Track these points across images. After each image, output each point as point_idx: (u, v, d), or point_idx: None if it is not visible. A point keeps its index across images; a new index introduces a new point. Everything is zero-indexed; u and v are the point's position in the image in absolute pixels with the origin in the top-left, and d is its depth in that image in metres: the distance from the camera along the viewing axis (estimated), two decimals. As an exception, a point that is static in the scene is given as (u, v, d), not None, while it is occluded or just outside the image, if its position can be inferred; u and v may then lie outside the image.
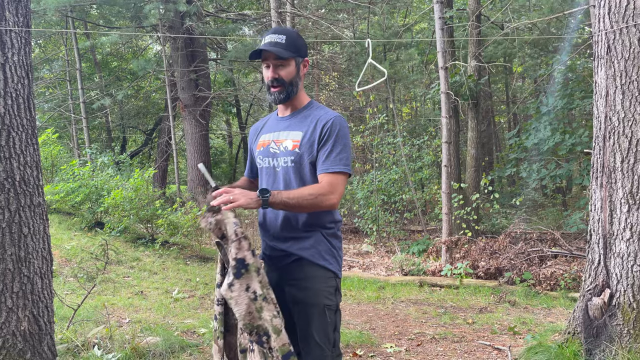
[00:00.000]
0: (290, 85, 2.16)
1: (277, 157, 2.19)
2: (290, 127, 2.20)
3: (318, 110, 2.20)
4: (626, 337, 3.01)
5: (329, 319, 2.09)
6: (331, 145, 2.09)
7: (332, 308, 2.11)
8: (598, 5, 3.19)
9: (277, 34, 2.15)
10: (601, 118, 3.19)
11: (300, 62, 2.19)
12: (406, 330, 4.48)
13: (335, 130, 2.10)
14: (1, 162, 2.73)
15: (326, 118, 2.14)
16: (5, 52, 2.75)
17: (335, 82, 14.95)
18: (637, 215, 3.01)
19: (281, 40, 2.13)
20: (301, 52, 2.18)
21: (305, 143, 2.13)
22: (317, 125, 2.13)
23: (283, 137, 2.19)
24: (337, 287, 2.16)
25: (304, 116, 2.20)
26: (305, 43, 2.24)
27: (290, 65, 2.15)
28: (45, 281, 2.91)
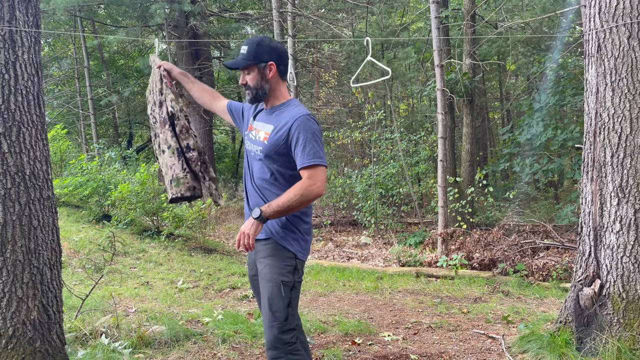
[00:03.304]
0: (256, 89, 2.40)
1: (253, 143, 2.47)
2: (266, 120, 2.44)
3: (291, 109, 2.39)
4: (616, 326, 3.06)
5: (283, 294, 2.29)
6: (303, 142, 2.27)
7: (288, 285, 2.31)
8: (589, 5, 3.23)
9: (244, 45, 2.40)
10: (592, 114, 3.24)
11: (264, 66, 2.38)
12: (403, 320, 4.54)
13: (303, 128, 2.28)
14: (12, 156, 2.77)
15: (295, 117, 2.31)
16: (15, 51, 2.80)
17: (334, 80, 14.98)
18: (627, 208, 3.06)
19: (244, 51, 2.38)
20: (262, 58, 2.37)
21: (272, 136, 2.35)
22: (287, 124, 2.32)
23: (260, 127, 2.45)
24: (295, 266, 2.36)
25: (279, 112, 2.41)
26: (273, 48, 2.40)
27: (253, 72, 2.38)
28: (55, 272, 2.96)
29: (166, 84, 2.90)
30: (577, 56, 9.49)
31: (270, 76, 2.40)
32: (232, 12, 14.37)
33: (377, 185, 9.84)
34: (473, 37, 9.78)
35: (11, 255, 2.76)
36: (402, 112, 18.18)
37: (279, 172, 2.37)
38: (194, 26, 11.46)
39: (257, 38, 2.43)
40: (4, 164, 2.76)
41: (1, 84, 2.76)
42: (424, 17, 12.61)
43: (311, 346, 3.77)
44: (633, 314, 3.03)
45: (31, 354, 2.80)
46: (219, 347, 3.60)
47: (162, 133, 2.82)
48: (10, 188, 2.77)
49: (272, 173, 2.38)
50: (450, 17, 11.21)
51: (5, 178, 2.76)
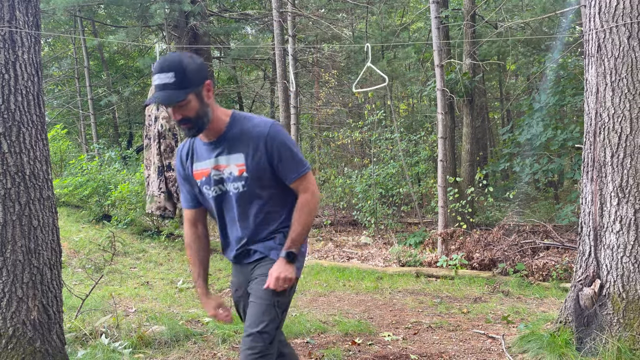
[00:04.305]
0: (198, 119, 1.98)
1: (225, 183, 2.11)
2: (226, 151, 2.07)
3: (247, 125, 2.06)
4: (616, 326, 3.05)
5: (275, 314, 2.07)
6: (285, 156, 2.05)
7: (282, 306, 2.11)
8: (589, 5, 3.24)
9: (164, 72, 1.91)
10: (592, 114, 3.24)
11: (201, 90, 1.97)
12: (403, 320, 4.54)
13: (278, 140, 2.04)
14: (12, 156, 2.78)
15: (263, 132, 2.03)
16: (15, 51, 2.81)
17: (334, 80, 15.00)
18: (627, 208, 3.06)
19: (170, 80, 1.90)
20: (197, 80, 1.95)
21: (251, 164, 2.05)
22: (258, 144, 2.03)
23: (223, 162, 2.08)
24: (292, 285, 2.14)
25: (234, 136, 2.06)
26: (199, 64, 1.97)
27: (191, 102, 1.94)
28: (55, 272, 2.97)
29: None
30: (577, 56, 9.49)
31: (209, 98, 2.00)
32: (232, 12, 14.39)
33: (377, 185, 9.84)
34: (473, 40, 9.78)
35: (11, 255, 2.77)
36: (402, 112, 18.19)
37: (274, 193, 2.13)
38: (194, 26, 11.48)
39: (175, 58, 1.94)
40: (4, 164, 2.76)
41: (1, 84, 2.77)
42: (424, 17, 12.61)
43: (311, 346, 3.77)
44: (633, 314, 3.03)
45: (31, 354, 2.80)
46: (219, 347, 3.60)
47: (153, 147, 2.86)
48: (10, 188, 2.77)
49: (269, 198, 2.13)
50: (450, 17, 11.21)
51: (5, 178, 2.76)
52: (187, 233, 2.28)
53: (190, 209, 2.26)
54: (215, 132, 2.06)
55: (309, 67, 14.20)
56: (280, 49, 9.77)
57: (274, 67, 12.25)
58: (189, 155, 2.19)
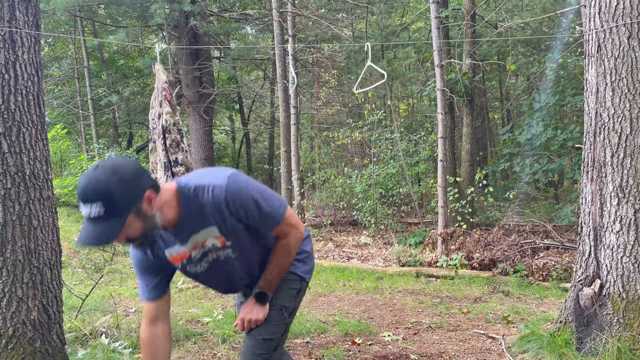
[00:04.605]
0: (147, 234, 1.69)
1: (211, 253, 1.90)
2: (196, 229, 1.82)
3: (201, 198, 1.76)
4: (616, 326, 3.05)
5: (280, 320, 1.99)
6: (253, 212, 1.81)
7: (288, 310, 2.03)
8: (589, 5, 3.24)
9: (90, 202, 1.55)
10: (592, 114, 3.24)
11: (141, 204, 1.62)
12: (403, 320, 4.55)
13: (240, 198, 1.77)
14: (12, 156, 2.78)
15: (221, 198, 1.75)
16: (15, 51, 2.81)
17: (334, 80, 15.01)
18: (627, 208, 3.06)
19: (99, 212, 1.55)
20: (133, 199, 1.60)
21: (228, 232, 1.84)
22: (222, 211, 1.78)
23: (200, 238, 1.84)
24: (299, 289, 2.07)
25: (195, 216, 1.79)
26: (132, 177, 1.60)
27: (132, 224, 1.63)
28: (55, 272, 2.97)
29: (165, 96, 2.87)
30: (577, 56, 9.49)
31: (154, 204, 1.67)
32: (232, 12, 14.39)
33: (377, 185, 9.84)
34: (473, 37, 9.78)
35: (11, 255, 2.77)
36: (402, 112, 18.20)
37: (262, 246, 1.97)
38: (194, 26, 11.48)
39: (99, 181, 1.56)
40: (4, 164, 2.76)
41: (1, 84, 2.76)
42: (424, 17, 12.62)
43: (311, 346, 3.77)
44: (633, 314, 3.03)
45: (31, 354, 2.80)
46: (219, 347, 3.60)
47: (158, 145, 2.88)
48: (10, 188, 2.77)
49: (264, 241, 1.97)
50: (450, 17, 11.22)
51: (5, 178, 2.76)
52: (144, 333, 1.94)
53: (152, 301, 1.95)
54: (172, 224, 1.78)
55: (308, 67, 14.21)
56: (280, 49, 9.77)
57: (274, 67, 12.26)
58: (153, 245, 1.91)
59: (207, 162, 12.87)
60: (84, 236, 1.58)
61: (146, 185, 1.64)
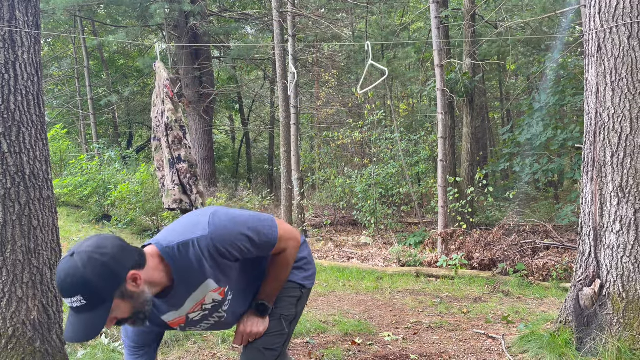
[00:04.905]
0: (139, 312, 1.58)
1: (214, 312, 1.83)
2: (191, 289, 1.72)
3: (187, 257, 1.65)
4: (616, 326, 3.06)
5: (281, 330, 1.94)
6: (244, 247, 1.72)
7: (289, 319, 1.97)
8: (589, 5, 3.24)
9: (70, 296, 1.47)
10: (592, 114, 3.24)
11: (125, 287, 1.53)
12: (403, 320, 4.54)
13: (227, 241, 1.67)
14: (12, 156, 2.78)
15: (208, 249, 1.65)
16: (15, 51, 2.81)
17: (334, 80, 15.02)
18: (627, 208, 3.06)
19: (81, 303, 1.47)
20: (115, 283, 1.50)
21: (225, 280, 1.76)
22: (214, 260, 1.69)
23: (198, 298, 1.75)
24: (300, 297, 2.01)
25: (186, 277, 1.68)
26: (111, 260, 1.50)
27: (120, 306, 1.54)
28: (54, 272, 2.99)
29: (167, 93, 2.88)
30: (577, 56, 9.49)
31: (141, 283, 1.57)
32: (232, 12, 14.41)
33: (377, 185, 9.85)
34: (473, 37, 9.79)
35: (11, 255, 2.77)
36: (402, 112, 18.20)
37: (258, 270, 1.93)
38: (194, 26, 11.50)
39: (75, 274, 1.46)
40: (3, 164, 2.76)
41: (1, 84, 2.77)
42: (424, 17, 12.62)
43: (311, 346, 3.77)
44: (633, 314, 3.03)
45: (31, 354, 2.80)
46: (219, 347, 3.61)
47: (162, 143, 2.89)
48: (10, 188, 2.78)
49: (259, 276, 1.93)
50: (450, 17, 11.22)
51: (5, 178, 2.76)
52: None
53: None
54: (164, 285, 1.67)
55: (308, 67, 14.21)
56: (280, 48, 9.78)
57: (274, 67, 12.26)
58: None
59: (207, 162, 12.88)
60: (70, 331, 1.49)
61: (128, 266, 1.53)
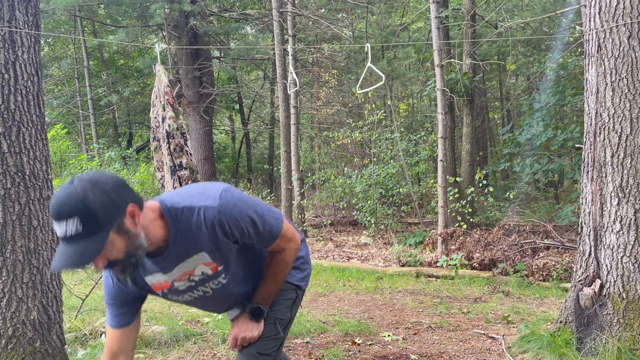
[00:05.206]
0: (131, 256, 1.47)
1: (199, 286, 1.72)
2: (184, 256, 1.63)
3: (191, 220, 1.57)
4: (616, 326, 3.06)
5: (276, 334, 1.85)
6: (248, 230, 1.65)
7: (284, 323, 1.89)
8: (589, 5, 3.24)
9: (66, 218, 1.35)
10: (592, 114, 3.24)
11: (123, 220, 1.43)
12: (403, 320, 4.55)
13: (234, 217, 1.60)
14: (11, 156, 2.78)
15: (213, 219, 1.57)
16: (15, 51, 2.81)
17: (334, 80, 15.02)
18: (627, 208, 3.06)
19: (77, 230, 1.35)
20: (115, 213, 1.40)
21: (221, 257, 1.67)
22: (215, 234, 1.60)
23: (189, 267, 1.66)
24: (295, 299, 1.93)
25: (184, 240, 1.60)
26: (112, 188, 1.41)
27: (114, 242, 1.42)
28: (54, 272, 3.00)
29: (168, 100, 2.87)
30: (577, 56, 9.49)
31: (138, 222, 1.48)
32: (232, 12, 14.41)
33: (377, 185, 9.85)
34: (473, 37, 9.79)
35: (11, 255, 2.77)
36: (402, 112, 18.20)
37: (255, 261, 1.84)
38: (194, 26, 11.50)
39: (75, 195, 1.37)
40: (3, 164, 2.76)
41: (1, 84, 2.77)
42: (424, 17, 12.62)
43: (311, 346, 3.77)
44: (633, 314, 3.03)
45: (31, 354, 2.80)
46: (219, 347, 3.60)
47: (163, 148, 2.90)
48: (10, 188, 2.77)
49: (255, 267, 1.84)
50: (451, 17, 11.22)
51: (5, 178, 2.76)
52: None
53: (119, 327, 1.74)
54: (160, 242, 1.58)
55: (308, 67, 14.21)
56: (280, 49, 9.78)
57: (274, 67, 12.26)
58: None
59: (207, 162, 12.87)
60: (58, 260, 1.36)
61: (129, 199, 1.44)
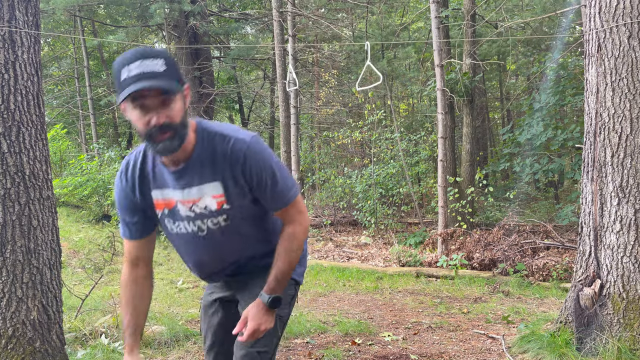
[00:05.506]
0: (183, 127, 1.53)
1: (197, 220, 1.68)
2: (197, 180, 1.63)
3: (221, 144, 1.61)
4: (616, 326, 3.06)
5: (274, 329, 1.77)
6: (267, 181, 1.64)
7: (283, 319, 1.84)
8: (589, 5, 3.24)
9: (149, 58, 1.46)
10: (592, 114, 3.24)
11: (183, 91, 1.56)
12: (403, 320, 4.55)
13: (260, 161, 1.61)
14: (11, 156, 2.78)
15: (241, 153, 1.60)
16: (15, 51, 2.81)
17: (334, 80, 15.01)
18: (627, 208, 3.06)
19: (159, 68, 1.46)
20: (181, 79, 1.55)
21: (233, 193, 1.64)
22: (236, 167, 1.60)
23: (195, 195, 1.65)
24: (293, 295, 1.88)
25: (206, 159, 1.62)
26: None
27: (178, 101, 1.51)
28: (54, 272, 2.97)
29: None
30: (577, 56, 9.49)
31: (187, 102, 1.59)
32: (232, 12, 14.41)
33: (377, 185, 9.85)
34: (473, 37, 9.79)
35: (11, 255, 2.77)
36: (402, 112, 18.20)
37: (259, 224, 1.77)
38: (194, 26, 11.49)
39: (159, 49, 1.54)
40: (3, 164, 2.76)
41: (1, 84, 2.77)
42: (424, 17, 12.62)
43: (311, 346, 3.77)
44: (633, 314, 3.03)
45: (31, 354, 2.80)
46: (219, 347, 3.60)
47: None
48: (10, 188, 2.77)
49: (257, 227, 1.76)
50: (451, 17, 11.21)
51: (5, 178, 2.76)
52: (125, 272, 1.81)
53: (133, 239, 1.78)
54: (184, 151, 1.60)
55: (308, 67, 14.21)
56: (280, 48, 9.78)
57: (274, 67, 12.25)
58: (141, 179, 1.71)
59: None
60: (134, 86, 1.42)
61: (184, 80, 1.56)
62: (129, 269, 1.80)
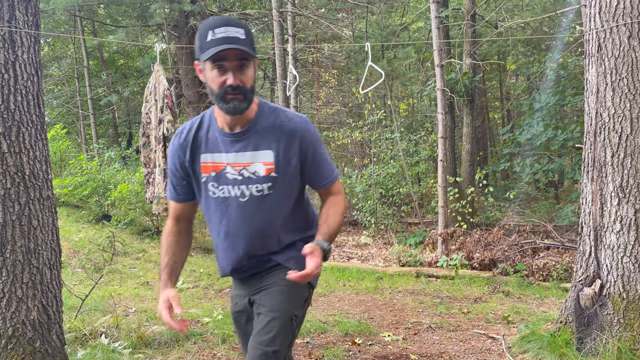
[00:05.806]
0: (252, 92, 1.73)
1: (242, 185, 1.78)
2: (252, 146, 1.77)
3: (279, 118, 1.80)
4: (616, 326, 3.06)
5: (289, 329, 1.81)
6: (319, 157, 1.83)
7: (297, 320, 1.86)
8: (589, 5, 3.24)
9: (233, 26, 1.65)
10: (592, 114, 3.24)
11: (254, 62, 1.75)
12: (403, 320, 4.55)
13: (314, 138, 1.81)
14: (11, 156, 2.78)
15: (298, 128, 1.78)
16: (15, 51, 2.81)
17: (334, 80, 15.01)
18: (627, 208, 3.06)
19: (241, 35, 1.65)
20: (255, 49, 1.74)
21: (282, 163, 1.77)
22: (292, 140, 1.77)
23: (247, 159, 1.77)
24: (308, 297, 1.92)
25: (265, 129, 1.78)
26: None
27: (252, 68, 1.71)
28: (54, 272, 2.97)
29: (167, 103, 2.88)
30: (577, 56, 9.49)
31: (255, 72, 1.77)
32: (232, 12, 14.41)
33: (377, 185, 9.85)
34: (473, 37, 9.79)
35: (11, 255, 2.77)
36: (402, 112, 18.20)
37: (298, 199, 1.89)
38: (194, 26, 11.49)
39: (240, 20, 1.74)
40: (3, 164, 2.76)
41: (1, 84, 2.77)
42: (424, 17, 12.62)
43: (311, 346, 3.77)
44: (633, 314, 3.04)
45: (31, 354, 2.80)
46: (219, 347, 3.60)
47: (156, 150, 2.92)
48: (10, 188, 2.77)
49: (293, 205, 1.87)
50: (451, 17, 11.22)
51: (5, 178, 2.76)
52: (168, 225, 1.96)
53: (179, 202, 1.93)
54: (244, 119, 1.77)
55: (308, 67, 14.21)
56: (280, 48, 9.78)
57: (274, 67, 12.25)
58: (195, 142, 1.84)
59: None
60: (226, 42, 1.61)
61: None
62: (172, 222, 1.96)
